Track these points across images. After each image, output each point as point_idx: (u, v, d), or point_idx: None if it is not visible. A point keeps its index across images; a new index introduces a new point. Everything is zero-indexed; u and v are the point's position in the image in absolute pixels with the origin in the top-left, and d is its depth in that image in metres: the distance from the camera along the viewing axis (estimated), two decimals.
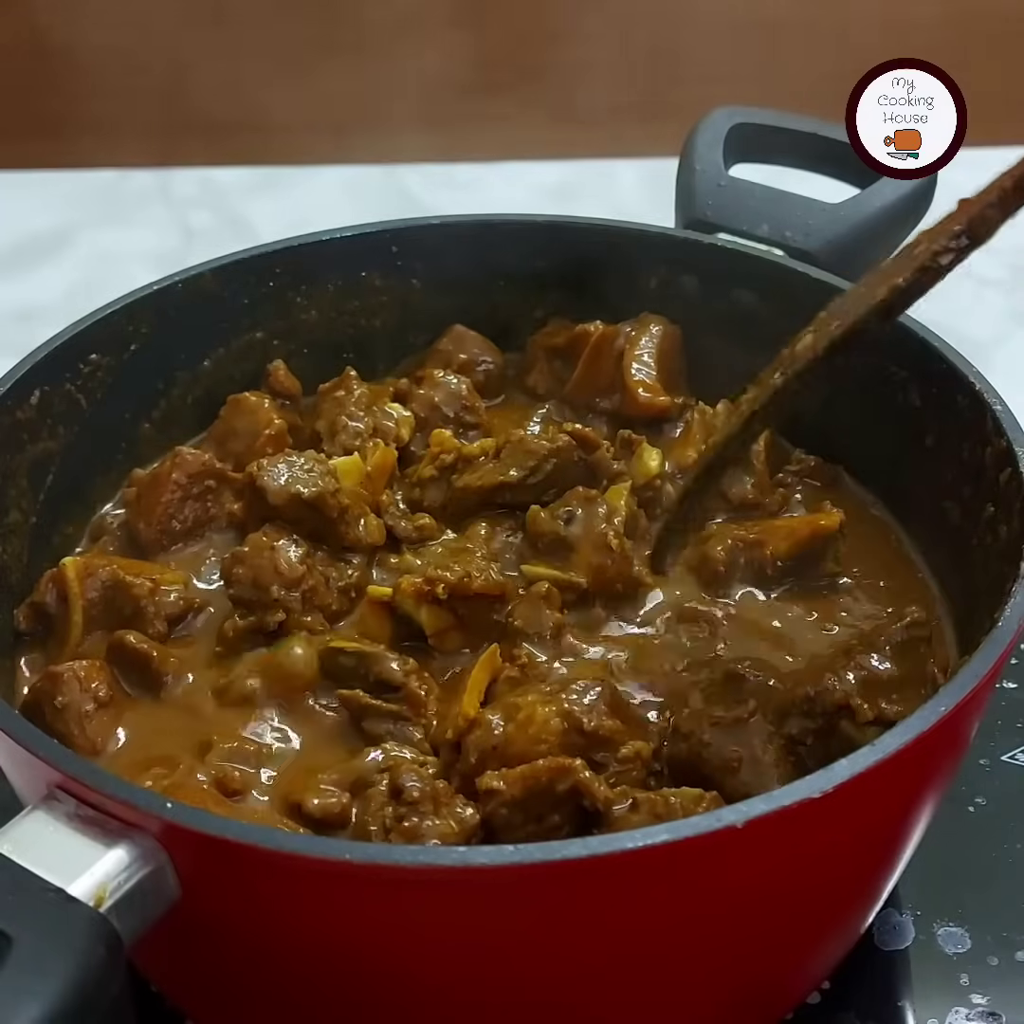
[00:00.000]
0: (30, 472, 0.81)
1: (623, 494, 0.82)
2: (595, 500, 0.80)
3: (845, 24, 1.78)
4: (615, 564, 0.78)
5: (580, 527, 0.79)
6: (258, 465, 0.79)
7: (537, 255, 0.96)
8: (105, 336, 0.85)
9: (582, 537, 0.79)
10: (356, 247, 0.95)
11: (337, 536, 0.79)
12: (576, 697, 0.68)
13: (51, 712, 0.71)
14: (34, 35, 1.75)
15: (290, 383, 0.94)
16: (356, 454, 0.84)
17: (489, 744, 0.66)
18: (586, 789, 0.63)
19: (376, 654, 0.73)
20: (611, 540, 0.78)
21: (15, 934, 0.50)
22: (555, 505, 0.81)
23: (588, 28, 1.79)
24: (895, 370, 0.84)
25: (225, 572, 0.77)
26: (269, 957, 0.60)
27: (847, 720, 0.68)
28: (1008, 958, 0.76)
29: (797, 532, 0.81)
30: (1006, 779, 0.86)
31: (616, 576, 0.78)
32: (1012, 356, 1.28)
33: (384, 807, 0.65)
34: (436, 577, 0.75)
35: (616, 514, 0.80)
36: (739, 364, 0.93)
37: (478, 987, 0.60)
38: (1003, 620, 0.63)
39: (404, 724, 0.71)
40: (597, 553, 0.79)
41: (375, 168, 1.61)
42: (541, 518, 0.80)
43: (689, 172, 0.97)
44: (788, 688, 0.71)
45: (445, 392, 0.91)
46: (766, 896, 0.60)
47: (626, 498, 0.82)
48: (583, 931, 0.57)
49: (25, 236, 1.49)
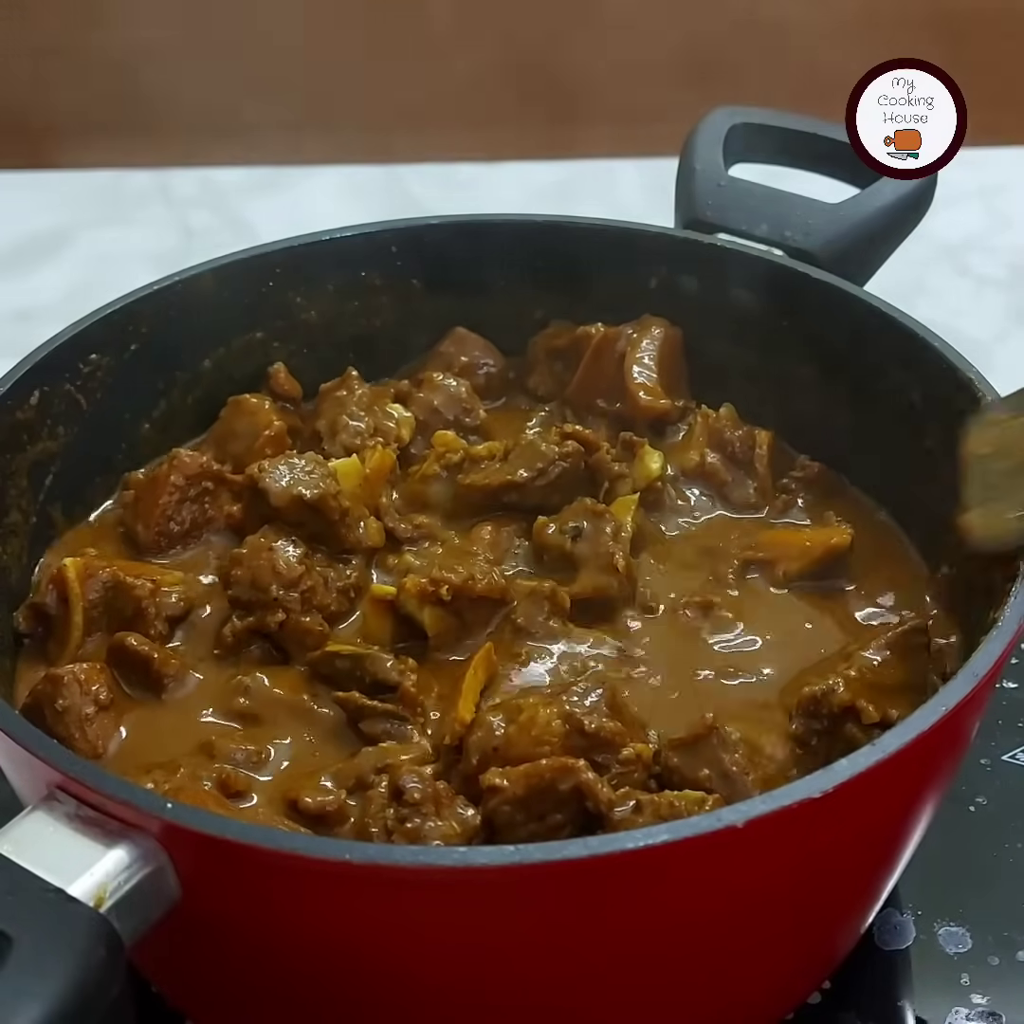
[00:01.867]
0: (30, 472, 0.81)
1: (630, 508, 0.82)
2: (603, 515, 0.80)
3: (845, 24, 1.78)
4: (620, 586, 0.79)
5: (587, 545, 0.79)
6: (259, 467, 0.79)
7: (537, 255, 0.96)
8: (105, 336, 0.85)
9: (588, 556, 0.79)
10: (356, 247, 0.95)
11: (337, 538, 0.79)
12: (577, 699, 0.68)
13: (52, 715, 0.71)
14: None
15: (291, 386, 0.94)
16: (355, 456, 0.84)
17: (490, 745, 0.66)
18: (588, 790, 0.63)
19: (371, 655, 0.73)
20: (617, 561, 0.78)
21: (15, 934, 0.50)
22: (562, 518, 0.81)
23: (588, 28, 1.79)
24: (894, 370, 0.84)
25: (223, 573, 0.77)
26: (270, 957, 0.60)
27: (852, 722, 0.68)
28: (1008, 958, 0.76)
29: (809, 552, 0.81)
30: (1006, 779, 0.86)
31: (619, 595, 0.79)
32: (1012, 356, 1.28)
33: (385, 808, 0.65)
34: (441, 578, 0.75)
35: (623, 530, 0.80)
36: (737, 363, 0.93)
37: (478, 987, 0.60)
38: (1003, 620, 0.63)
39: (401, 723, 0.71)
40: (603, 574, 0.79)
41: (375, 168, 1.61)
42: (547, 532, 0.80)
43: (689, 172, 0.97)
44: (792, 688, 0.71)
45: (445, 395, 0.91)
46: (766, 896, 0.60)
47: (633, 513, 0.82)
48: (583, 931, 0.57)
49: (25, 236, 1.49)
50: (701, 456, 0.88)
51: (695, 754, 0.67)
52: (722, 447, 0.88)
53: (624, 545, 0.79)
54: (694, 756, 0.67)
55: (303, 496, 0.78)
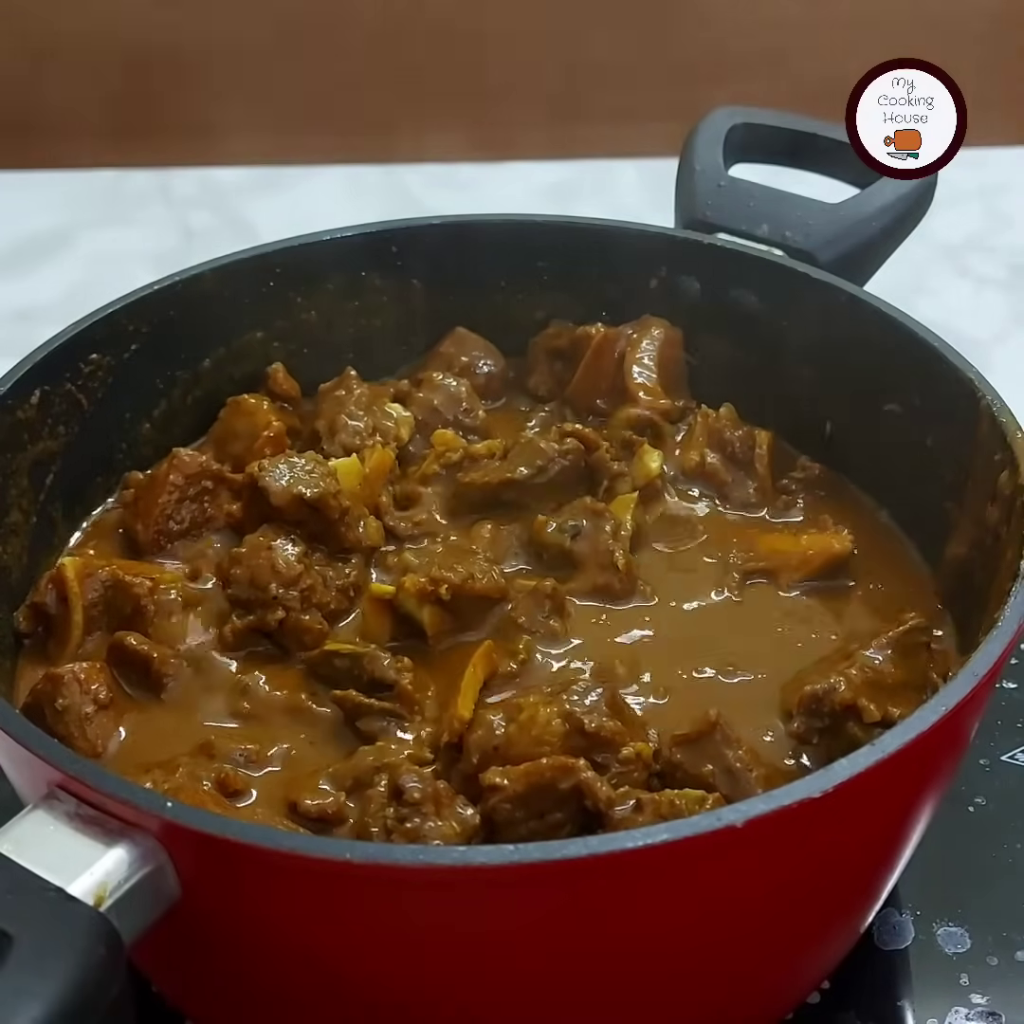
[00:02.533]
0: (30, 472, 0.81)
1: (630, 507, 0.82)
2: (602, 514, 0.81)
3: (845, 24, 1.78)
4: (621, 584, 0.79)
5: (586, 543, 0.80)
6: (259, 466, 0.79)
7: (537, 255, 0.96)
8: (105, 336, 0.85)
9: (588, 554, 0.79)
10: (356, 247, 0.95)
11: (336, 537, 0.79)
12: (577, 698, 0.68)
13: (52, 714, 0.71)
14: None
15: (289, 386, 0.94)
16: (355, 456, 0.84)
17: (491, 744, 0.67)
18: (588, 788, 0.63)
19: (369, 654, 0.73)
20: (617, 559, 0.79)
21: (15, 934, 0.50)
22: (561, 516, 0.81)
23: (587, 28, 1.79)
24: (895, 370, 0.84)
25: (222, 573, 0.77)
26: (269, 957, 0.60)
27: (854, 721, 0.68)
28: (1008, 958, 0.76)
29: (811, 561, 0.81)
30: (1006, 779, 0.86)
31: (621, 593, 0.79)
32: (1012, 356, 1.28)
33: (385, 808, 0.65)
34: (440, 577, 0.75)
35: (622, 528, 0.80)
36: (737, 363, 0.93)
37: (478, 987, 0.60)
38: (1003, 620, 0.63)
39: (398, 721, 0.71)
40: (603, 572, 0.79)
41: (375, 168, 1.61)
42: (547, 531, 0.81)
43: (689, 172, 0.97)
44: (792, 686, 0.71)
45: (444, 395, 0.91)
46: (766, 896, 0.60)
47: (633, 511, 0.82)
48: (583, 931, 0.57)
49: (25, 236, 1.49)
50: (701, 456, 0.88)
51: (699, 750, 0.67)
52: (722, 447, 0.89)
53: (624, 543, 0.80)
54: (698, 752, 0.67)
55: (303, 495, 0.78)
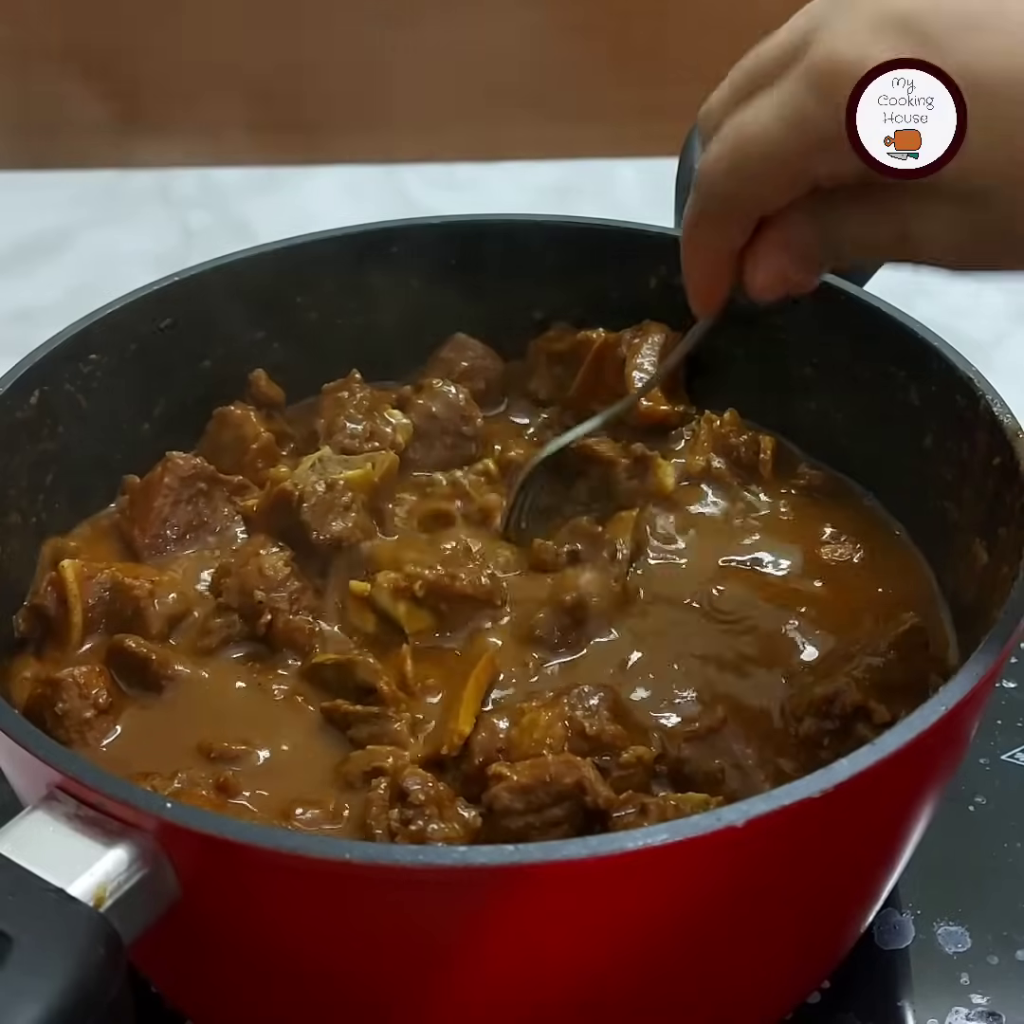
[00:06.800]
0: (30, 472, 0.81)
1: (629, 527, 0.82)
2: (599, 538, 0.81)
3: None
4: (618, 602, 0.78)
5: (583, 568, 0.79)
6: (302, 494, 0.79)
7: (537, 255, 0.96)
8: (105, 336, 0.85)
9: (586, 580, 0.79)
10: (356, 247, 0.95)
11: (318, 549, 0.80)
12: (579, 702, 0.68)
13: (51, 718, 0.71)
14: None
15: (273, 391, 0.93)
16: (370, 465, 0.84)
17: (494, 747, 0.67)
18: (588, 785, 0.64)
19: (351, 660, 0.73)
20: (614, 587, 0.78)
21: (15, 934, 0.50)
22: (558, 539, 0.81)
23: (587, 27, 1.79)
24: (894, 370, 0.84)
25: (214, 583, 0.78)
26: (269, 957, 0.60)
27: (863, 722, 0.68)
28: (1008, 958, 0.76)
29: None
30: (1006, 779, 0.86)
31: (618, 610, 0.78)
32: (1012, 356, 1.28)
33: (387, 810, 0.65)
34: (414, 574, 0.75)
35: (619, 553, 0.80)
36: (737, 365, 0.93)
37: (478, 986, 0.60)
38: (1003, 619, 0.63)
39: (383, 722, 0.71)
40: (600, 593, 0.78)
41: (375, 168, 1.61)
42: (544, 555, 0.81)
43: (688, 172, 0.97)
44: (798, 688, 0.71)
45: (443, 403, 0.91)
46: (766, 896, 0.60)
47: (632, 531, 0.81)
48: (583, 931, 0.57)
49: (25, 236, 1.49)
50: (707, 461, 0.88)
51: (709, 746, 0.68)
52: (727, 452, 0.89)
53: (622, 566, 0.80)
54: (708, 748, 0.68)
55: (341, 540, 0.78)
